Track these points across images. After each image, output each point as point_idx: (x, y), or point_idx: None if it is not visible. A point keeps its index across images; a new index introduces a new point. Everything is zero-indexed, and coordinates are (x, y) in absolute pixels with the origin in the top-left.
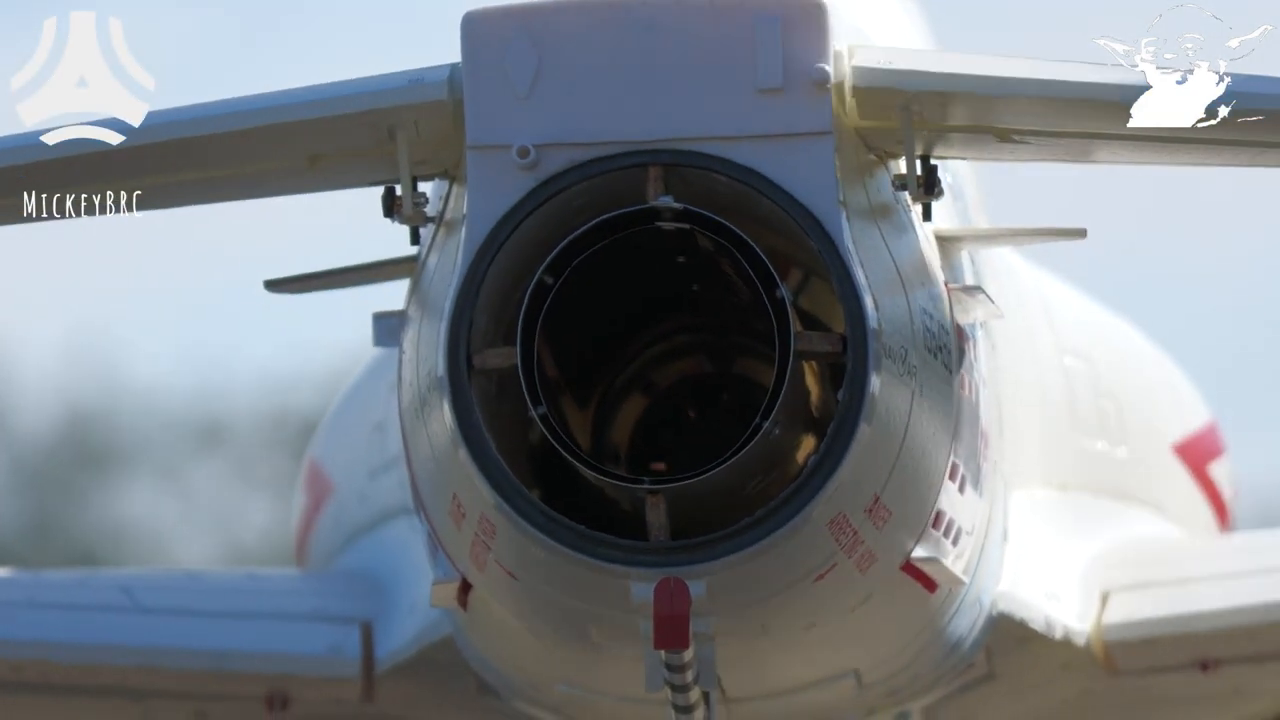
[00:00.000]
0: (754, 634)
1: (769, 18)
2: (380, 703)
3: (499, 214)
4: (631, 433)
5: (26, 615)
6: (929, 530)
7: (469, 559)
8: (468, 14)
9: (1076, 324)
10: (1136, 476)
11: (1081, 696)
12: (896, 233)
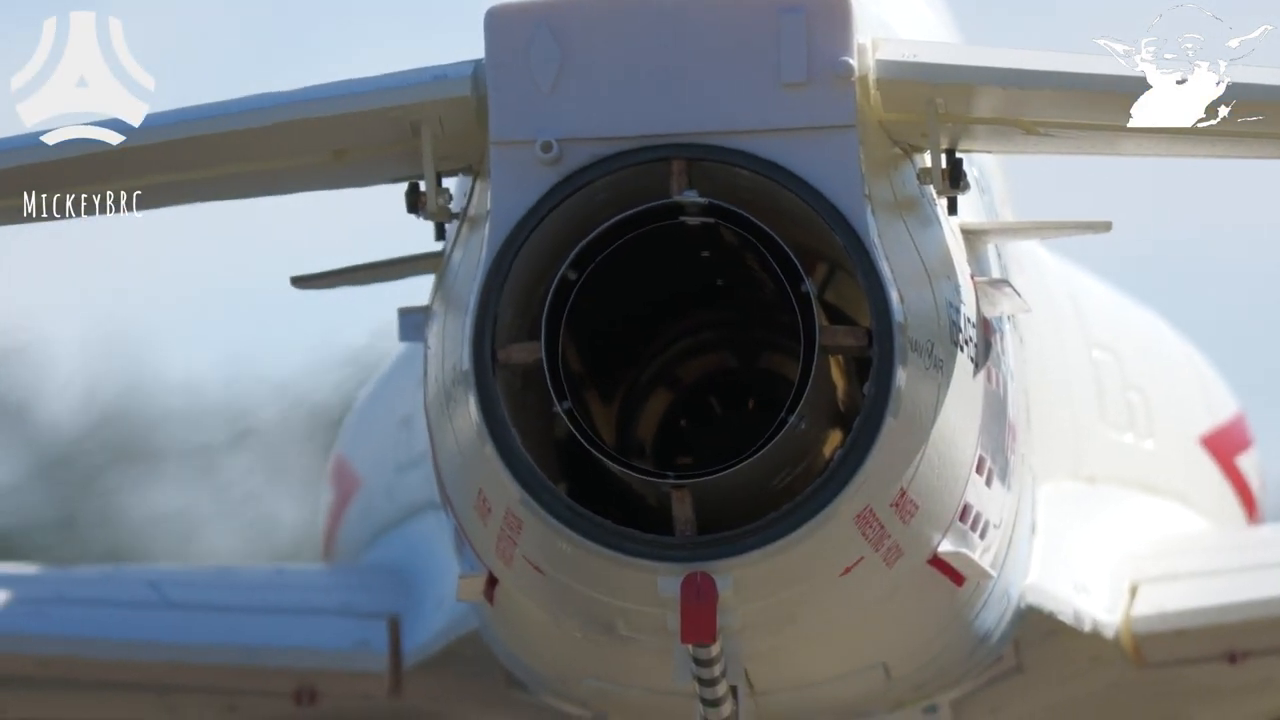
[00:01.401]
0: (781, 628)
1: (793, 10)
2: (408, 697)
3: (523, 209)
4: (657, 427)
5: (55, 611)
6: (956, 524)
7: (495, 554)
8: (490, 9)
9: (1104, 317)
10: (1164, 469)
11: (1110, 689)
12: (922, 226)
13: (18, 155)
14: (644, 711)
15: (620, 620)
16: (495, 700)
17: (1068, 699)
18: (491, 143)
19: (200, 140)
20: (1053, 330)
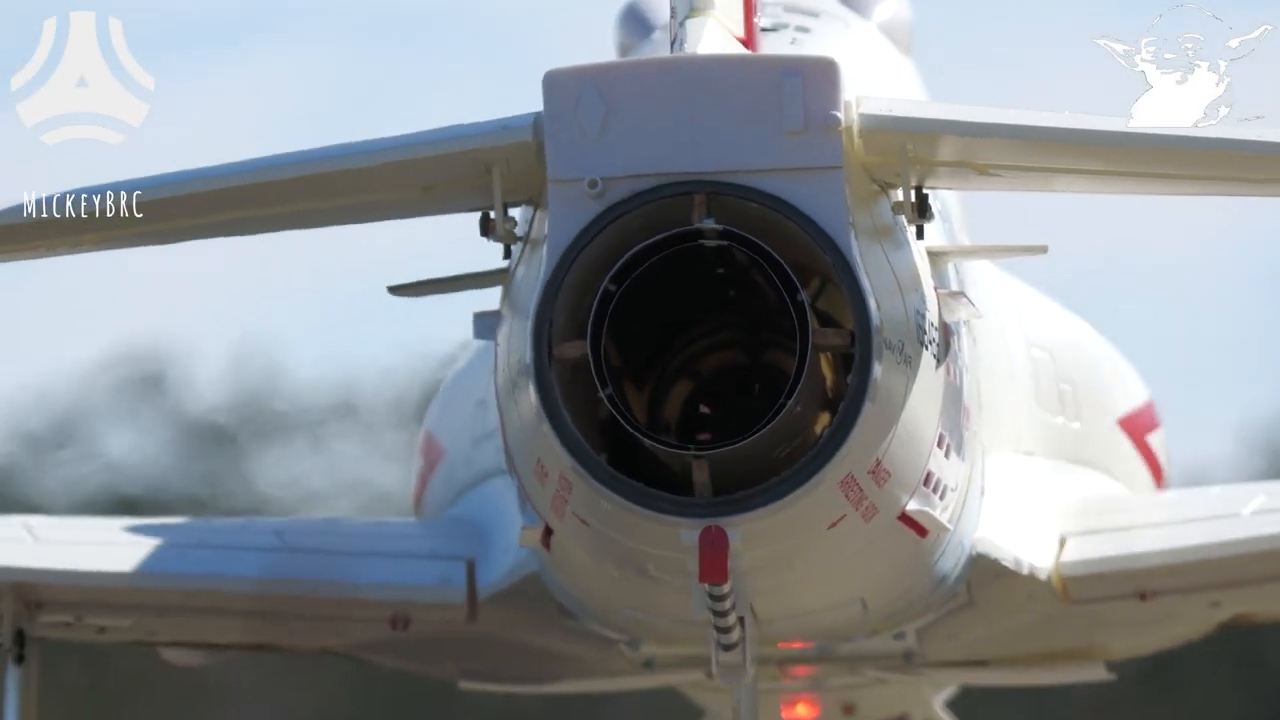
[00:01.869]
0: (779, 570)
1: (792, 73)
2: (481, 624)
3: (573, 234)
4: (680, 409)
5: (198, 554)
6: (921, 488)
7: (551, 510)
8: (548, 72)
9: (1040, 321)
10: (1088, 445)
11: (1043, 620)
12: (895, 249)
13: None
14: (669, 636)
15: (650, 564)
16: (551, 626)
17: (1009, 628)
18: (549, 180)
19: (317, 178)
20: (999, 333)
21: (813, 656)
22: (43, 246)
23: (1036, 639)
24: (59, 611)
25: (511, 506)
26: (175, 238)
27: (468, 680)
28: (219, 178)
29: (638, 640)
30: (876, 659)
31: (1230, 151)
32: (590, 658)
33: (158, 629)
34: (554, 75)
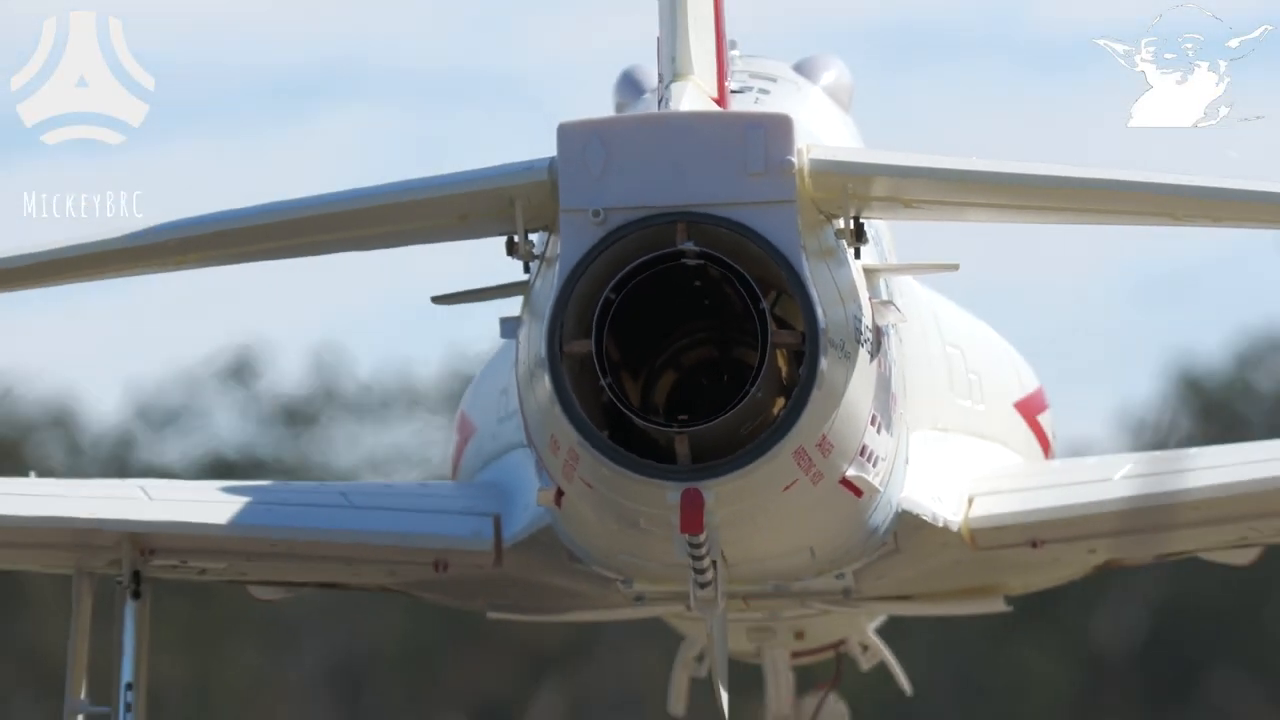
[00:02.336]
0: (744, 524)
1: (755, 126)
2: (505, 568)
3: (580, 253)
4: (666, 395)
5: (281, 510)
6: (858, 457)
7: (562, 475)
8: (561, 125)
9: (952, 323)
10: (991, 424)
11: (954, 564)
12: (837, 266)
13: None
14: (656, 577)
15: (641, 518)
16: (561, 569)
17: (928, 570)
18: (561, 210)
19: (376, 209)
20: (920, 333)
21: (770, 593)
22: (155, 265)
23: (949, 579)
24: (167, 557)
25: (530, 473)
26: (261, 257)
27: (494, 612)
28: (297, 209)
29: (631, 580)
30: (821, 595)
31: (1105, 190)
32: (593, 594)
33: (247, 570)
34: (565, 127)
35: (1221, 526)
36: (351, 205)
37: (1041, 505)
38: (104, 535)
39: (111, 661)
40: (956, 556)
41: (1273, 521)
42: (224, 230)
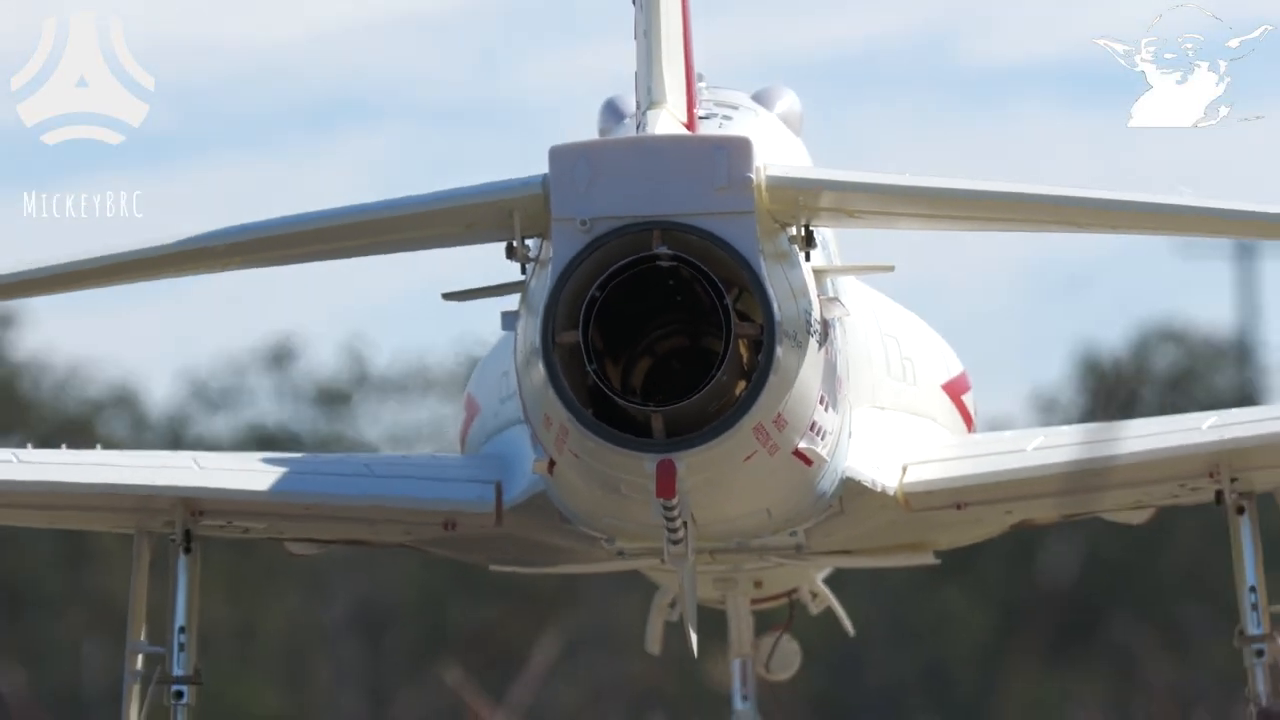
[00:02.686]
0: (711, 489)
1: (720, 147)
2: (505, 527)
3: (569, 256)
4: (644, 379)
5: (314, 478)
6: (808, 432)
7: (554, 447)
8: (552, 147)
9: (888, 316)
10: (922, 403)
11: (891, 523)
12: (791, 268)
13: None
14: (635, 535)
15: (622, 485)
16: (553, 529)
17: (868, 528)
18: (553, 220)
19: (395, 218)
20: (861, 325)
21: (733, 549)
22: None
23: (886, 536)
24: (215, 518)
25: (526, 446)
26: (298, 260)
27: (496, 565)
28: (327, 219)
29: (613, 538)
30: (777, 550)
31: (1018, 202)
32: (580, 550)
33: (283, 529)
34: (556, 149)
35: (1120, 491)
36: (374, 215)
37: (965, 473)
38: (160, 500)
39: (166, 608)
40: (893, 517)
41: (1165, 486)
42: (266, 236)
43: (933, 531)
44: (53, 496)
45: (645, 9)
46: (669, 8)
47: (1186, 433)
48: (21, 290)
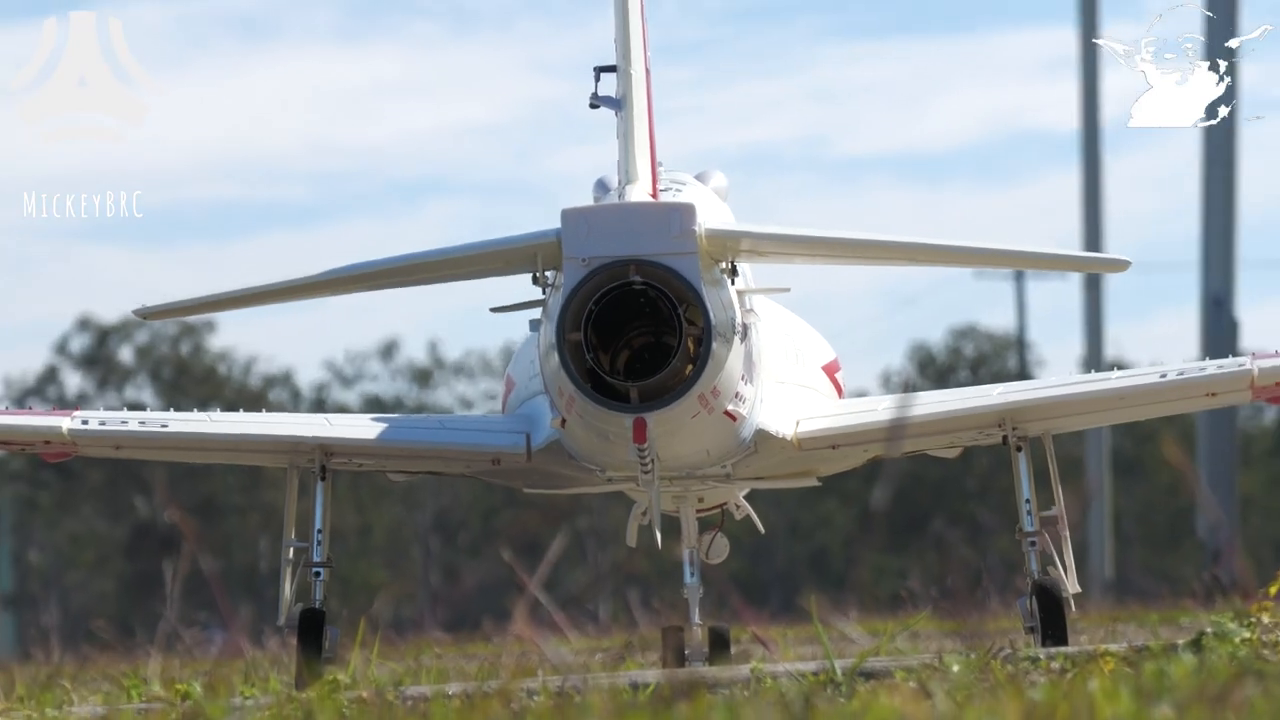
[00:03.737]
0: (669, 438)
1: (674, 209)
2: (534, 463)
3: (574, 283)
4: (625, 364)
5: (407, 430)
6: (734, 398)
7: (565, 410)
8: (564, 210)
9: (785, 320)
10: (808, 379)
11: (788, 459)
12: (722, 290)
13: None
14: (619, 468)
15: (610, 434)
16: (566, 464)
17: (773, 463)
18: (564, 258)
19: (455, 259)
20: (769, 327)
21: (684, 476)
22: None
23: (785, 467)
24: (341, 457)
25: (547, 409)
26: (395, 286)
27: (527, 489)
28: (416, 258)
29: (604, 470)
30: (713, 477)
31: (875, 245)
32: (582, 478)
33: (386, 465)
34: (566, 211)
35: (938, 436)
36: (448, 255)
37: (837, 426)
38: (305, 445)
39: (309, 516)
40: (789, 455)
41: (969, 433)
42: (379, 270)
43: (815, 464)
44: (235, 443)
45: (624, 120)
46: (640, 119)
47: (983, 397)
48: (216, 306)
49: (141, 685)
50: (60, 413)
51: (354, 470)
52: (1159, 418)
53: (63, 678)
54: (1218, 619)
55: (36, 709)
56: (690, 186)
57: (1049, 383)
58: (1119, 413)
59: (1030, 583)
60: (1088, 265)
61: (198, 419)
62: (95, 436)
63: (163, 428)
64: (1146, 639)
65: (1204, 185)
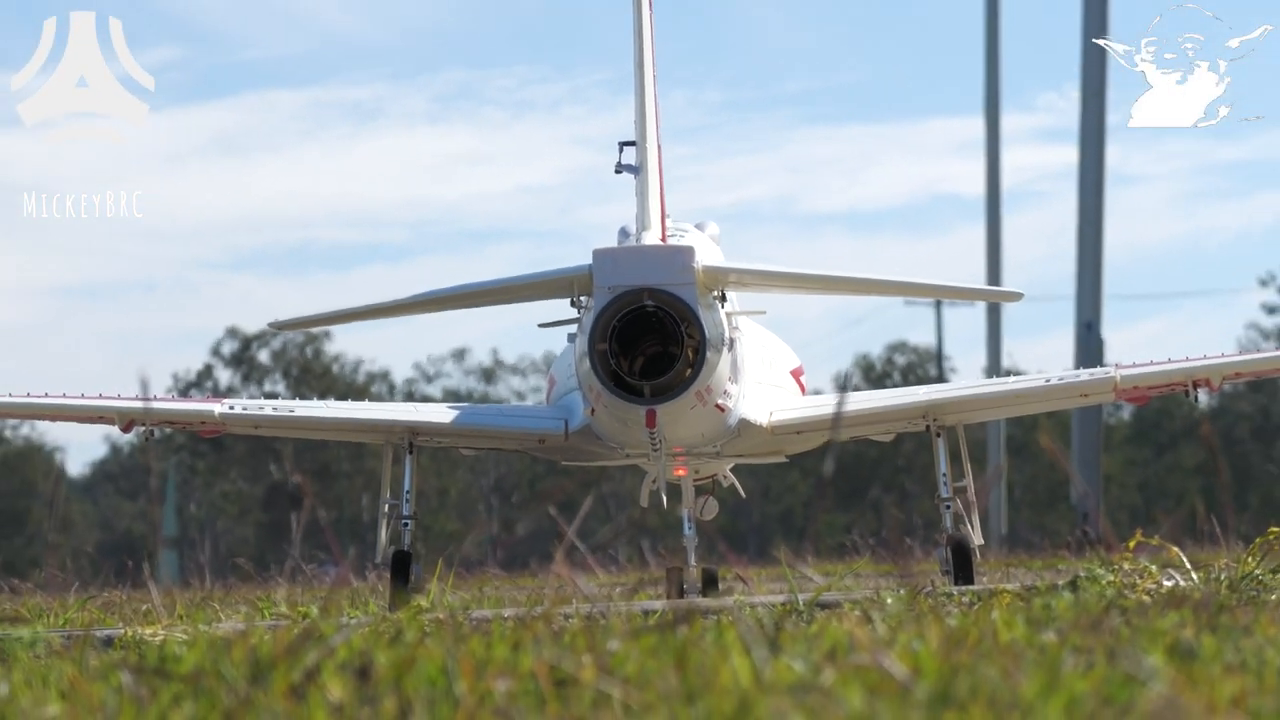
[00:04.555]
0: (673, 424)
1: (679, 250)
2: (570, 443)
3: (602, 305)
4: (640, 368)
5: (474, 415)
6: (723, 394)
7: (594, 401)
8: (595, 250)
9: (762, 336)
10: (779, 381)
11: (763, 441)
12: (714, 312)
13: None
14: (635, 446)
15: (628, 421)
16: (595, 444)
17: (751, 444)
18: (595, 286)
19: (508, 288)
20: (750, 341)
21: (684, 453)
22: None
23: (761, 448)
24: (424, 436)
25: (580, 402)
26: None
27: (565, 461)
28: (485, 285)
29: (624, 447)
30: (706, 454)
31: (837, 280)
32: (607, 454)
33: (459, 442)
34: (597, 250)
35: (877, 425)
36: (507, 284)
37: (801, 416)
38: (397, 426)
39: (400, 479)
40: (765, 438)
41: (900, 423)
42: (454, 295)
43: (784, 445)
44: (345, 425)
45: (641, 182)
46: (653, 182)
47: (911, 396)
48: (333, 320)
49: (272, 607)
50: (213, 400)
51: (433, 446)
52: (1043, 413)
53: (212, 601)
54: (1088, 566)
55: (192, 625)
56: (691, 233)
57: (961, 385)
58: (1013, 408)
59: (946, 536)
60: (990, 296)
61: (317, 406)
62: (239, 418)
63: (290, 412)
64: (1033, 580)
65: (1079, 238)
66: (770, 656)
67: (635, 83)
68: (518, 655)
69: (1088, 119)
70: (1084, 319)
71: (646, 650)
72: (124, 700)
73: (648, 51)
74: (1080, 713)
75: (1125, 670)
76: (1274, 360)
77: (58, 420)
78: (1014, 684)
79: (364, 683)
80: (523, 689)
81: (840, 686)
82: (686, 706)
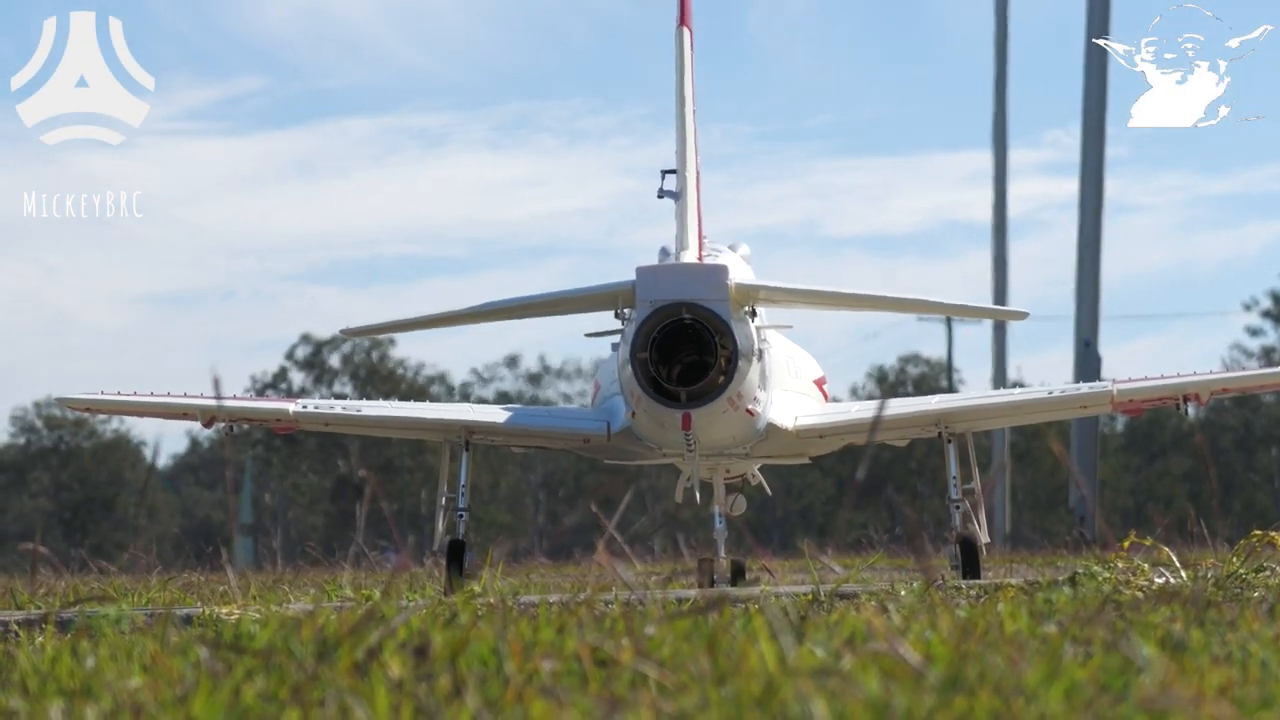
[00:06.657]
0: (707, 427)
1: (714, 269)
2: (613, 443)
3: (644, 317)
4: (677, 376)
5: (525, 416)
6: (753, 400)
7: (635, 405)
8: (638, 267)
9: (789, 348)
10: (804, 389)
11: (788, 444)
12: (745, 325)
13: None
14: (672, 447)
15: (665, 424)
16: (635, 444)
17: (778, 446)
18: (637, 300)
19: (558, 300)
20: (778, 352)
21: (715, 454)
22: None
23: (787, 450)
24: (479, 435)
25: (622, 405)
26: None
27: (608, 460)
28: (539, 298)
29: (662, 448)
30: (736, 455)
31: (855, 297)
32: (646, 453)
33: (510, 441)
34: (640, 268)
35: (892, 431)
36: (560, 296)
37: (823, 422)
38: (454, 425)
39: (457, 475)
40: (790, 442)
41: (914, 430)
42: (511, 306)
43: (808, 447)
44: (407, 423)
45: (681, 206)
46: (691, 206)
47: (925, 405)
48: (398, 328)
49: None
50: (287, 400)
51: (488, 444)
52: (1045, 422)
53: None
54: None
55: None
56: (725, 253)
57: (970, 396)
58: (1018, 418)
59: (955, 534)
60: (997, 315)
61: (382, 406)
62: (311, 416)
63: (358, 411)
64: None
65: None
66: (794, 642)
67: (676, 116)
68: (562, 638)
69: (1088, 154)
70: (1083, 337)
71: (680, 635)
72: (201, 673)
73: (688, 88)
74: (1079, 698)
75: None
76: (1257, 378)
77: (145, 416)
78: (1019, 671)
79: (421, 661)
80: (566, 669)
81: (859, 671)
82: (717, 687)
